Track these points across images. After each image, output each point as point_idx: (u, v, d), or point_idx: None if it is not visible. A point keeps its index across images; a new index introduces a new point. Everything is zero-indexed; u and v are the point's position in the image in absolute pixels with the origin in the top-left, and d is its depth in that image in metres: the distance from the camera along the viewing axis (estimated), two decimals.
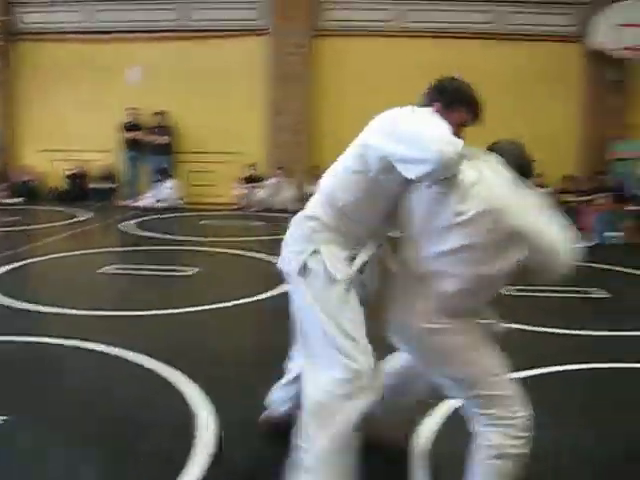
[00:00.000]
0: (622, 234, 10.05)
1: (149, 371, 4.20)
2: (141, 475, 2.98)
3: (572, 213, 12.26)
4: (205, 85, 12.88)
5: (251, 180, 12.80)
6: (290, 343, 4.77)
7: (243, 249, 8.54)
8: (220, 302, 5.85)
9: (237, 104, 12.84)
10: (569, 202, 12.57)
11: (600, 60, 12.60)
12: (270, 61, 12.77)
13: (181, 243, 9.13)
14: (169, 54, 13.01)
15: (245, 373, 4.27)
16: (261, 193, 12.58)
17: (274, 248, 8.98)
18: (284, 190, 12.54)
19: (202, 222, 11.02)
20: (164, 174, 12.65)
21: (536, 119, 12.66)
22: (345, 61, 12.91)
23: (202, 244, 8.93)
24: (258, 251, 8.36)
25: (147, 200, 12.40)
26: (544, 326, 5.24)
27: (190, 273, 7.09)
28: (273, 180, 12.55)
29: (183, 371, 4.14)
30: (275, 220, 11.57)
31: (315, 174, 12.82)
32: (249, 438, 3.34)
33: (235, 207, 12.70)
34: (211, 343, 4.88)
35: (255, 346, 4.91)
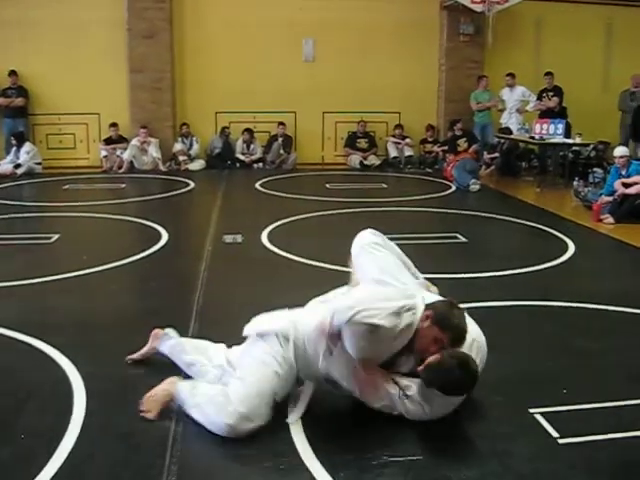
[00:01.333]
0: (479, 181, 10.49)
1: (15, 342, 4.05)
2: (15, 449, 2.89)
3: (434, 162, 12.77)
4: (60, 42, 12.19)
5: (113, 141, 12.38)
6: (156, 304, 4.75)
7: (107, 212, 8.30)
8: (84, 268, 5.68)
9: (95, 62, 12.25)
10: (431, 151, 13.04)
11: (456, 13, 12.97)
12: (128, 17, 12.27)
13: (41, 209, 8.76)
14: (18, 6, 12.15)
15: (113, 339, 4.19)
16: (125, 154, 12.20)
17: (139, 210, 8.88)
18: (149, 150, 12.23)
19: (65, 187, 10.58)
20: (20, 138, 11.97)
21: (396, 71, 12.95)
22: (208, 16, 12.61)
23: (64, 209, 8.60)
24: (123, 214, 8.17)
25: (3, 167, 11.73)
26: None
27: (51, 240, 6.83)
28: (136, 140, 12.18)
29: (49, 341, 4.01)
30: (140, 181, 11.31)
31: (181, 132, 12.61)
32: (118, 405, 3.31)
33: (99, 170, 12.28)
34: (77, 310, 4.74)
35: (122, 311, 4.81)
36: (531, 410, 3.23)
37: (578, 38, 13.09)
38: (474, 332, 3.21)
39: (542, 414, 3.20)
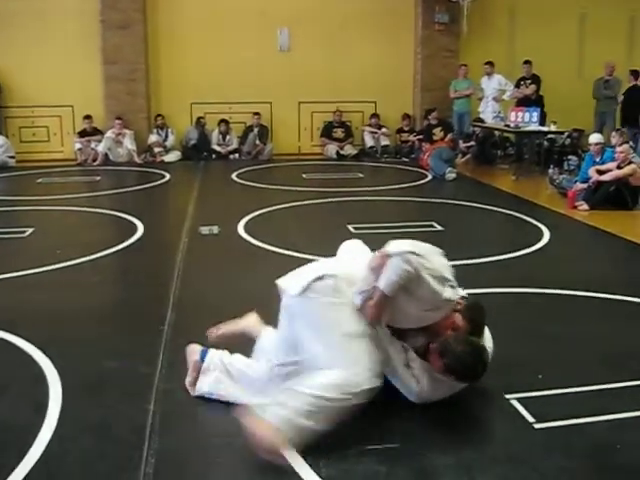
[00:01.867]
0: (455, 169, 10.53)
1: None
2: None
3: (410, 151, 12.80)
4: (33, 34, 12.02)
5: (87, 133, 12.25)
6: (132, 296, 4.72)
7: (82, 205, 8.23)
8: (58, 262, 5.63)
9: (68, 54, 12.11)
10: (407, 141, 13.06)
11: (431, 2, 12.98)
12: (101, 8, 12.12)
13: (15, 203, 8.65)
14: None
15: (88, 333, 4.16)
16: (99, 146, 12.09)
17: (115, 202, 8.82)
18: (124, 142, 12.13)
19: (38, 180, 10.47)
20: None
21: (372, 61, 12.94)
22: (183, 7, 12.51)
23: (38, 203, 8.51)
24: (98, 207, 8.10)
25: None
26: None
27: (26, 234, 6.76)
28: (111, 132, 12.07)
29: (24, 335, 3.97)
30: (116, 173, 11.23)
31: (157, 123, 12.51)
32: (94, 398, 3.29)
33: (74, 162, 12.16)
34: (52, 304, 4.70)
35: (98, 304, 4.77)
36: (507, 396, 3.25)
37: (552, 26, 13.15)
38: (488, 339, 3.27)
39: (518, 399, 3.22)
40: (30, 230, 6.88)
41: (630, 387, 3.38)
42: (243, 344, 3.47)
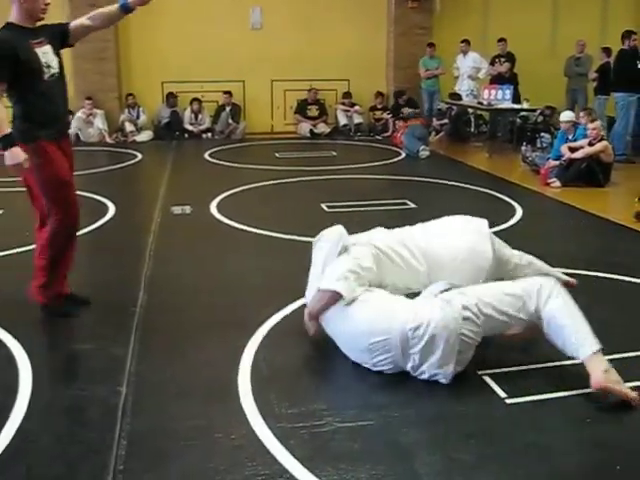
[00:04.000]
0: (429, 147, 10.54)
1: None
2: None
3: (383, 129, 12.77)
4: None
5: None
6: (104, 277, 4.65)
7: None
8: (27, 244, 5.54)
9: None
10: (380, 118, 13.03)
11: None
12: None
13: None
14: None
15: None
16: (71, 128, 11.90)
17: (86, 183, 8.67)
18: (95, 122, 11.96)
19: None
20: None
21: (345, 39, 12.85)
22: None
23: (7, 184, 8.35)
24: None
25: None
26: None
27: None
28: (81, 112, 11.89)
29: None
30: (87, 154, 11.07)
31: (127, 103, 12.35)
32: (65, 381, 3.26)
33: None
34: (20, 287, 4.58)
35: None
36: (479, 372, 3.28)
37: (526, 4, 13.12)
38: None
39: (490, 375, 3.25)
40: (0, 212, 6.79)
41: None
42: None
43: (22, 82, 3.83)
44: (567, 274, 4.83)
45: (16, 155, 3.66)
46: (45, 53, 3.92)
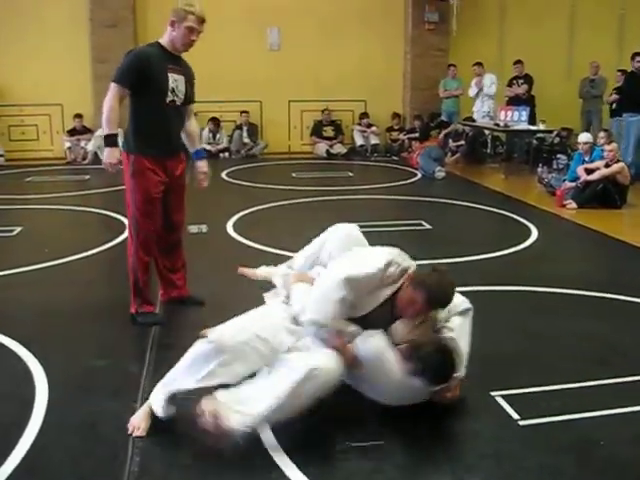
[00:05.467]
0: (445, 168, 10.56)
1: None
2: None
3: (400, 149, 12.81)
4: (21, 32, 11.96)
5: (77, 132, 12.22)
6: (119, 295, 4.69)
7: (71, 204, 8.20)
8: (46, 261, 5.62)
9: (57, 52, 12.07)
10: (397, 139, 13.09)
11: (421, 1, 13.01)
12: (91, 6, 12.09)
13: (4, 202, 8.60)
14: None
15: (75, 331, 4.16)
16: (89, 145, 12.06)
17: (105, 201, 8.76)
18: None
19: (27, 179, 10.44)
20: None
21: (362, 60, 12.95)
22: (172, 5, 12.30)
23: (27, 202, 8.49)
24: (87, 205, 8.08)
25: None
26: None
27: (14, 233, 6.74)
28: (100, 131, 11.99)
29: (10, 334, 3.97)
30: (105, 172, 11.16)
31: None
32: (81, 396, 3.29)
33: (63, 161, 12.13)
34: (39, 303, 4.69)
35: (85, 302, 4.75)
36: (492, 393, 3.27)
37: (542, 26, 13.19)
38: (457, 305, 3.29)
39: (503, 396, 3.24)
40: (18, 229, 6.87)
41: (614, 384, 3.41)
42: None
43: (145, 98, 4.07)
44: (582, 296, 4.84)
45: (112, 155, 4.04)
46: (176, 80, 4.18)
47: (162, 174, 4.24)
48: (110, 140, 4.06)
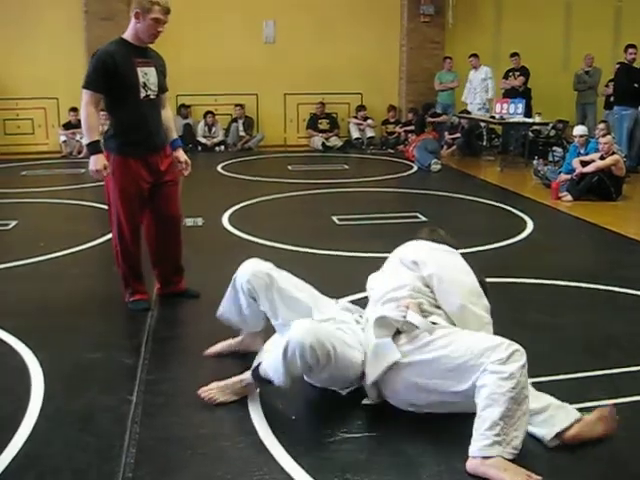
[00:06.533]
0: (441, 161, 10.56)
1: None
2: None
3: (396, 142, 12.80)
4: (15, 25, 11.91)
5: (72, 126, 12.18)
6: (115, 288, 4.69)
7: (67, 198, 8.20)
8: (41, 254, 5.62)
9: (52, 45, 12.03)
10: (393, 132, 13.08)
11: None
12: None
13: None
14: None
15: (70, 324, 4.16)
16: (84, 139, 12.01)
17: (100, 195, 8.74)
18: None
19: (23, 173, 10.42)
20: None
21: (358, 52, 12.92)
22: None
23: (22, 195, 8.47)
24: (83, 199, 8.07)
25: None
26: (373, 251, 5.44)
27: (9, 227, 6.73)
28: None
29: (5, 327, 3.98)
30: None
31: None
32: (77, 389, 3.30)
33: (59, 155, 12.10)
34: (34, 296, 4.69)
35: (80, 296, 4.74)
36: None
37: (538, 18, 13.15)
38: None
39: None
40: (14, 223, 6.86)
41: (611, 375, 3.43)
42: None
43: (117, 96, 4.01)
44: (577, 288, 4.85)
45: (98, 162, 3.95)
46: (146, 73, 4.08)
47: (145, 172, 4.17)
48: (93, 147, 4.00)
